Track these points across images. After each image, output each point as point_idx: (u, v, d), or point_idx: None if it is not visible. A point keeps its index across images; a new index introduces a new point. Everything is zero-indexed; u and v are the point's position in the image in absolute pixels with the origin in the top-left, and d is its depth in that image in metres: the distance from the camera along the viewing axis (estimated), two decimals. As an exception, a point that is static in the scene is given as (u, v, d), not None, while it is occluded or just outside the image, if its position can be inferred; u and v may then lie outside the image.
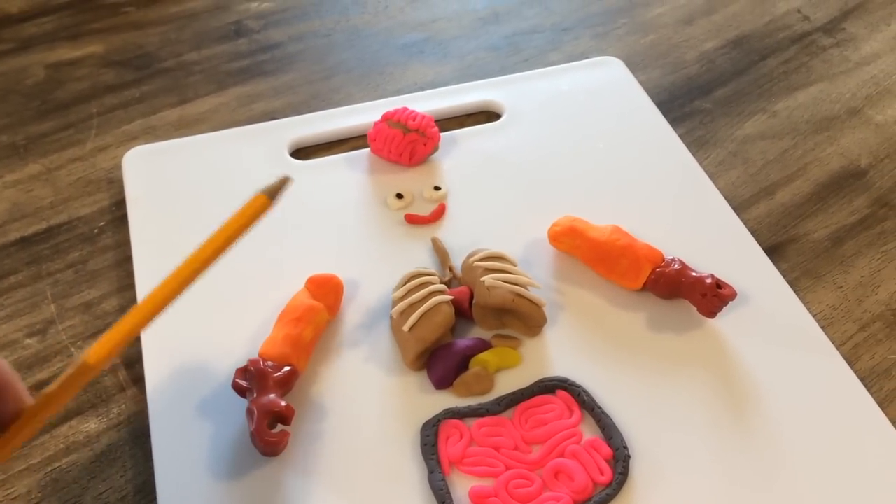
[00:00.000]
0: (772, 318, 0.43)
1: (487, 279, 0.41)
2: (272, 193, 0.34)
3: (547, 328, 0.42)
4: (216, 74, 0.59)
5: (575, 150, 0.52)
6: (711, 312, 0.41)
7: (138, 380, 0.41)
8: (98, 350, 0.30)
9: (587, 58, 0.59)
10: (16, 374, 0.29)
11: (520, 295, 0.40)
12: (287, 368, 0.38)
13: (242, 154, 0.51)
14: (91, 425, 0.39)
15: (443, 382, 0.39)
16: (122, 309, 0.44)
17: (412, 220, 0.47)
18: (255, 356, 0.39)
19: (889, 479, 0.37)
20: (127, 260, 0.46)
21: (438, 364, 0.40)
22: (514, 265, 0.43)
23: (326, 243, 0.46)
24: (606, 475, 0.36)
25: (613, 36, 0.62)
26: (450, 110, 0.54)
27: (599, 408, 0.39)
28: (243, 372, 0.38)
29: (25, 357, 0.42)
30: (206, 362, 0.40)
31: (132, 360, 0.42)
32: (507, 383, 0.40)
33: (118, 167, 0.51)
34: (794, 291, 0.44)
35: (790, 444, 0.38)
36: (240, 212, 0.33)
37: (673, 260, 0.43)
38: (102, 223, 0.49)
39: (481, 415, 0.39)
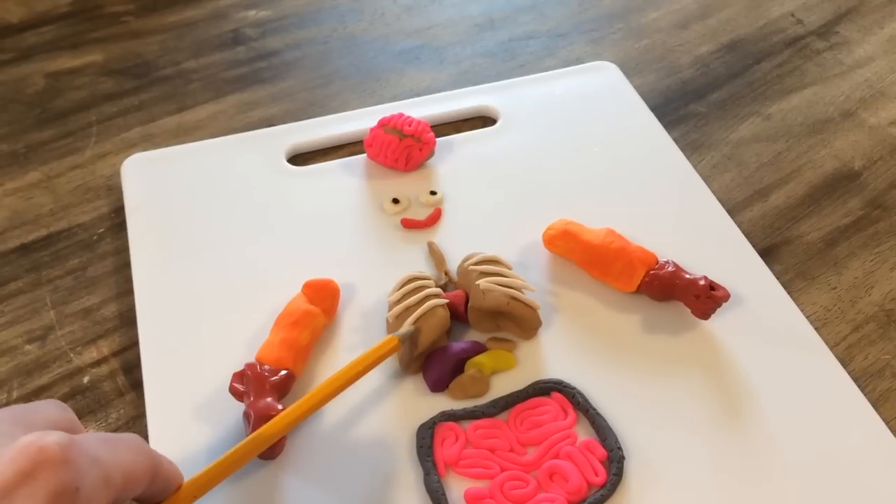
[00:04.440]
0: (765, 320, 0.43)
1: (482, 282, 0.41)
2: (403, 337, 0.39)
3: (542, 331, 0.42)
4: (214, 82, 0.59)
5: (570, 155, 0.52)
6: (705, 314, 0.42)
7: (137, 385, 0.41)
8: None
9: (582, 63, 0.60)
10: (174, 467, 0.31)
11: (515, 298, 0.41)
12: (284, 372, 0.39)
13: (240, 161, 0.51)
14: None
15: (438, 385, 0.40)
16: (121, 315, 0.44)
17: (408, 224, 0.47)
18: (252, 360, 0.39)
19: (883, 479, 0.37)
20: (126, 266, 0.46)
21: (434, 367, 0.40)
22: (509, 269, 0.43)
23: (323, 248, 0.46)
24: (601, 476, 0.37)
25: (608, 41, 0.63)
26: (445, 116, 0.55)
27: (594, 409, 0.39)
28: (240, 376, 0.39)
29: (25, 363, 0.42)
30: (203, 367, 0.41)
31: (131, 366, 0.42)
32: (502, 386, 0.40)
33: (117, 174, 0.51)
34: (788, 293, 0.45)
35: (784, 445, 0.38)
36: (372, 350, 0.38)
37: (667, 262, 0.43)
38: (101, 230, 0.49)
39: (477, 417, 0.39)
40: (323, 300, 0.42)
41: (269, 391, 0.38)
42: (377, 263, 0.46)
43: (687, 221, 0.48)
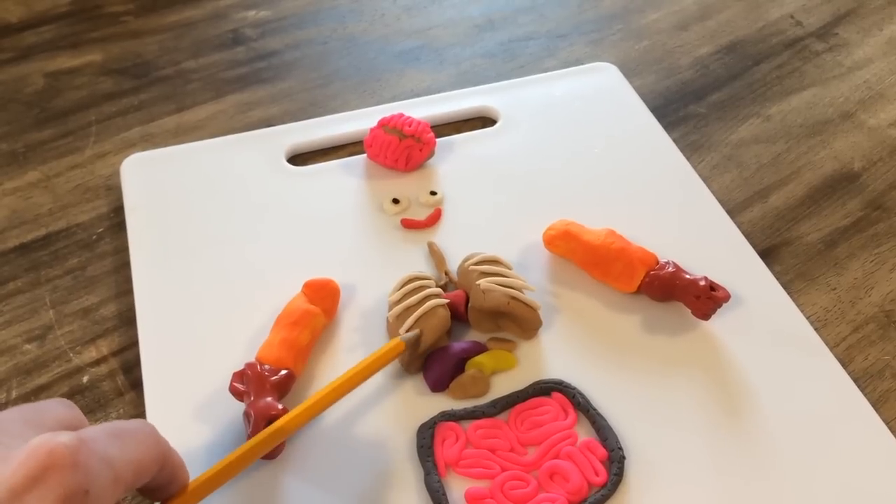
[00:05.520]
0: (766, 320, 0.43)
1: (483, 283, 0.41)
2: (408, 341, 0.39)
3: (542, 331, 0.42)
4: (214, 82, 0.59)
5: (570, 155, 0.52)
6: (705, 314, 0.42)
7: (136, 384, 0.41)
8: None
9: (582, 64, 0.60)
10: (180, 457, 0.31)
11: (515, 298, 0.41)
12: (284, 372, 0.38)
13: (239, 161, 0.51)
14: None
15: (439, 385, 0.40)
16: (121, 314, 0.44)
17: (408, 224, 0.47)
18: (253, 360, 0.39)
19: (883, 480, 0.37)
20: (125, 266, 0.46)
21: (434, 367, 0.40)
22: (510, 269, 0.43)
23: (323, 248, 0.46)
24: (601, 476, 0.37)
25: (608, 42, 0.63)
26: (445, 116, 0.55)
27: (594, 409, 0.39)
28: (240, 376, 0.39)
29: (24, 362, 0.42)
30: (203, 366, 0.40)
31: (130, 365, 0.42)
32: (502, 386, 0.40)
33: (116, 174, 0.51)
34: (788, 293, 0.45)
35: (784, 446, 0.38)
36: (377, 352, 0.38)
37: (667, 263, 0.43)
38: (101, 229, 0.49)
39: (477, 417, 0.39)
40: (323, 300, 0.42)
41: (270, 391, 0.38)
42: (377, 263, 0.46)
43: (687, 222, 0.48)
